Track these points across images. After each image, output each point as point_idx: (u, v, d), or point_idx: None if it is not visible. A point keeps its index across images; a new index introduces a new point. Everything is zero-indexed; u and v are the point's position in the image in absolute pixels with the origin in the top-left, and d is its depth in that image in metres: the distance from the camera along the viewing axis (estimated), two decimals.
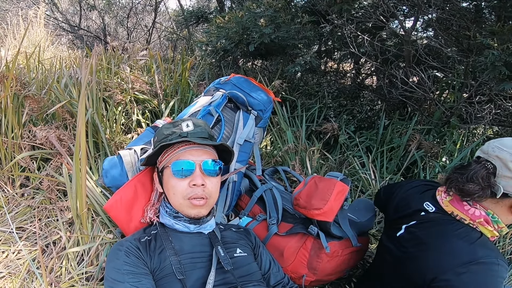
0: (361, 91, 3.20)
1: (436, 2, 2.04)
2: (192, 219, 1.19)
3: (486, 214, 1.12)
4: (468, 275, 1.02)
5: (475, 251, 1.05)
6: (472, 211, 1.13)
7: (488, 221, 1.11)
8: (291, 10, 2.79)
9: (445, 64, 2.17)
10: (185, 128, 1.22)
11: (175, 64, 2.90)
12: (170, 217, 1.21)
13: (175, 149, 1.20)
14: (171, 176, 1.18)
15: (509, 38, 1.73)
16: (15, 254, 1.31)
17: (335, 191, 1.31)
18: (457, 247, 1.08)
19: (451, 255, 1.07)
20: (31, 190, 1.62)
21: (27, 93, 1.80)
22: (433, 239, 1.15)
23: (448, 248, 1.10)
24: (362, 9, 2.28)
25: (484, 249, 1.06)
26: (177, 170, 1.17)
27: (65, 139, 1.71)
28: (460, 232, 1.12)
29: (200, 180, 1.17)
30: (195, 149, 1.21)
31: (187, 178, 1.17)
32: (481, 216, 1.11)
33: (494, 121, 2.27)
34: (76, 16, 6.40)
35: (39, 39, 3.85)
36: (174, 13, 6.45)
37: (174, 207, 1.20)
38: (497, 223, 1.11)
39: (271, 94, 1.75)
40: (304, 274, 1.34)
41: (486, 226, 1.11)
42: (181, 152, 1.19)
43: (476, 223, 1.12)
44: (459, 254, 1.06)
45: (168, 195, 1.21)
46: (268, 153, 2.46)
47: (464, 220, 1.13)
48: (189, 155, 1.19)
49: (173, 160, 1.19)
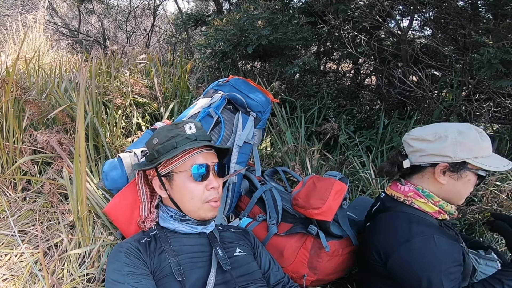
0: (360, 91, 3.21)
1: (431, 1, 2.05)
2: (200, 221, 1.20)
3: (415, 189, 1.25)
4: (408, 252, 1.12)
5: (411, 229, 1.15)
6: (403, 188, 1.27)
7: (418, 194, 1.24)
8: (288, 11, 2.80)
9: (442, 63, 2.18)
10: (188, 130, 1.19)
11: (174, 67, 2.91)
12: (175, 221, 1.20)
13: (187, 152, 1.17)
14: (188, 180, 1.16)
15: (504, 35, 1.74)
16: (18, 257, 1.32)
17: (333, 190, 1.32)
18: (397, 226, 1.20)
19: (393, 234, 1.19)
20: (32, 193, 1.63)
21: (27, 98, 1.82)
22: (380, 222, 1.29)
23: (390, 228, 1.22)
24: (358, 9, 2.29)
25: (419, 226, 1.16)
26: (198, 174, 1.15)
27: (66, 143, 1.72)
28: (400, 213, 1.24)
29: (216, 183, 1.18)
30: (206, 152, 1.21)
31: (202, 182, 1.16)
32: (411, 191, 1.25)
33: (493, 118, 2.27)
34: (75, 20, 6.43)
35: (38, 43, 3.86)
36: (172, 17, 6.47)
37: (187, 211, 1.18)
38: (430, 197, 1.23)
39: (270, 95, 1.76)
40: (305, 274, 1.35)
41: (419, 199, 1.23)
42: (196, 156, 1.18)
43: (409, 197, 1.25)
44: (399, 233, 1.17)
45: (182, 199, 1.18)
46: (268, 154, 2.47)
47: (399, 198, 1.27)
48: (203, 159, 1.18)
49: (189, 164, 1.16)
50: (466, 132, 1.18)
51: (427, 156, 1.21)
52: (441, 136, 1.18)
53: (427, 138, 1.21)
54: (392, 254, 1.15)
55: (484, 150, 1.19)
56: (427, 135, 1.21)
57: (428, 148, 1.20)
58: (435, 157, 1.19)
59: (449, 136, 1.17)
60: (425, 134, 1.22)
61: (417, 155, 1.23)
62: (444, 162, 1.18)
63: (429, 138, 1.20)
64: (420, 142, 1.23)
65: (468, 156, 1.17)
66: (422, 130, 1.26)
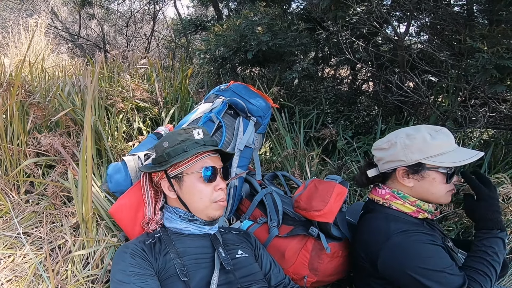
0: (358, 97, 3.24)
1: (427, 7, 2.09)
2: (207, 221, 1.25)
3: (391, 191, 1.31)
4: (391, 250, 1.17)
5: (389, 228, 1.21)
6: (381, 192, 1.34)
7: (394, 196, 1.30)
8: (288, 17, 2.83)
9: (438, 68, 2.21)
10: (197, 135, 1.26)
11: (174, 72, 2.94)
12: (183, 221, 1.24)
13: (197, 155, 1.24)
14: (198, 181, 1.23)
15: (499, 41, 1.77)
16: (21, 258, 1.34)
17: (334, 193, 1.36)
18: (377, 227, 1.26)
19: (375, 234, 1.25)
20: (35, 196, 1.66)
21: (32, 101, 1.85)
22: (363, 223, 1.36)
23: (372, 229, 1.28)
24: (356, 15, 2.33)
25: (396, 223, 1.23)
26: (208, 175, 1.22)
27: (69, 146, 1.75)
28: (379, 215, 1.31)
29: (223, 184, 1.26)
30: (213, 156, 1.28)
31: (211, 183, 1.23)
32: (387, 193, 1.32)
33: (489, 124, 2.30)
34: (76, 25, 6.46)
35: (40, 47, 3.89)
36: (172, 22, 6.53)
37: (196, 210, 1.24)
38: (406, 198, 1.28)
39: (270, 100, 1.80)
40: (305, 275, 1.37)
41: (395, 201, 1.29)
42: (205, 159, 1.25)
43: (386, 199, 1.31)
44: (380, 233, 1.23)
45: (191, 199, 1.24)
46: (267, 159, 2.50)
47: (379, 201, 1.33)
48: (211, 162, 1.26)
49: (199, 166, 1.23)
50: (414, 134, 1.25)
51: (386, 163, 1.31)
52: (392, 143, 1.27)
53: (383, 146, 1.31)
54: (378, 256, 1.19)
55: (439, 148, 1.23)
56: (383, 144, 1.31)
57: (385, 156, 1.30)
58: (392, 163, 1.28)
59: (397, 141, 1.26)
60: (381, 144, 1.32)
61: (380, 163, 1.33)
62: (400, 166, 1.26)
63: (384, 146, 1.30)
64: (379, 151, 1.33)
65: (421, 157, 1.23)
66: (380, 140, 1.36)
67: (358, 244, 1.34)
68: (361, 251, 1.29)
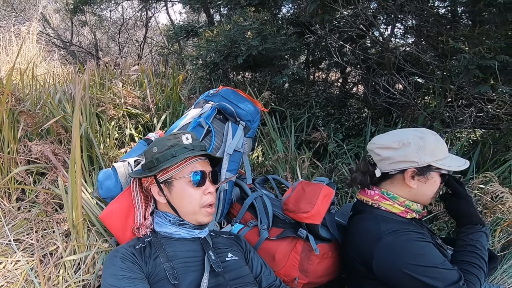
0: (348, 100, 3.27)
1: (411, 10, 2.12)
2: (197, 225, 1.27)
3: (380, 192, 1.33)
4: (383, 249, 1.19)
5: (379, 228, 1.23)
6: (370, 193, 1.35)
7: (383, 197, 1.32)
8: (277, 22, 2.86)
9: (424, 70, 2.25)
10: (186, 140, 1.28)
11: (166, 79, 2.96)
12: (173, 226, 1.26)
13: (186, 160, 1.26)
14: (187, 185, 1.24)
15: (481, 41, 1.80)
16: (13, 265, 1.35)
17: (321, 194, 1.39)
18: (367, 227, 1.28)
19: (365, 235, 1.27)
20: (27, 203, 1.66)
21: (22, 109, 1.86)
22: (353, 224, 1.38)
23: (362, 230, 1.30)
24: (343, 19, 2.35)
25: (386, 224, 1.25)
26: (197, 180, 1.24)
27: (60, 153, 1.76)
28: (368, 216, 1.33)
29: (212, 188, 1.28)
30: (202, 160, 1.30)
31: (200, 187, 1.25)
32: (376, 194, 1.33)
33: (476, 124, 2.34)
34: (68, 32, 6.46)
35: (31, 55, 3.90)
36: (164, 28, 6.55)
37: (185, 215, 1.26)
38: (395, 199, 1.31)
39: (259, 104, 1.82)
40: (296, 277, 1.39)
41: (384, 202, 1.31)
42: (194, 163, 1.27)
43: (375, 200, 1.33)
44: (371, 233, 1.25)
45: (181, 204, 1.25)
46: (259, 163, 2.52)
47: (368, 202, 1.35)
48: (200, 166, 1.28)
49: (188, 170, 1.25)
50: (425, 136, 1.27)
51: (395, 164, 1.28)
52: (404, 143, 1.25)
53: (392, 146, 1.27)
54: (372, 258, 1.20)
55: (443, 152, 1.28)
56: (392, 143, 1.27)
57: (395, 156, 1.27)
58: (403, 163, 1.26)
59: (411, 142, 1.25)
60: (389, 143, 1.28)
61: (386, 163, 1.30)
62: (411, 168, 1.26)
63: (394, 145, 1.27)
64: (386, 150, 1.29)
65: (432, 159, 1.25)
66: (384, 139, 1.32)
67: (349, 245, 1.36)
68: (352, 252, 1.31)
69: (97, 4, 4.92)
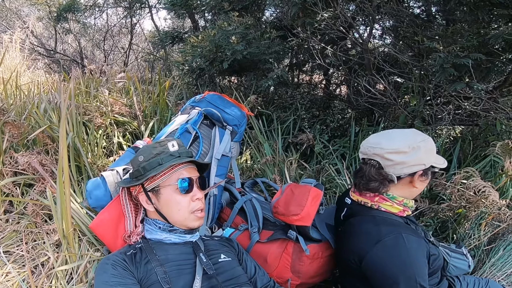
0: (332, 101, 3.33)
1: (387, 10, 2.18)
2: (188, 230, 1.28)
3: (380, 194, 1.33)
4: (381, 252, 1.20)
5: (380, 231, 1.24)
6: (369, 194, 1.35)
7: (383, 198, 1.33)
8: (261, 26, 2.90)
9: (402, 70, 2.30)
10: (172, 148, 1.29)
11: (153, 85, 2.97)
12: (163, 232, 1.27)
13: (172, 168, 1.27)
14: (174, 193, 1.25)
15: (454, 40, 1.85)
16: (4, 277, 1.35)
17: (310, 196, 1.42)
18: (367, 229, 1.29)
19: (364, 237, 1.27)
20: (15, 215, 1.66)
21: (6, 119, 1.85)
22: (351, 227, 1.37)
23: (361, 231, 1.30)
24: (324, 21, 2.40)
25: (387, 226, 1.26)
26: (184, 187, 1.26)
27: (47, 164, 1.76)
28: (368, 217, 1.33)
29: (200, 194, 1.29)
30: (189, 167, 1.32)
31: (188, 194, 1.26)
32: (376, 195, 1.34)
33: (455, 121, 2.41)
34: (52, 40, 6.40)
35: (15, 63, 3.85)
36: (150, 34, 6.54)
37: (175, 222, 1.27)
38: (394, 199, 1.33)
39: (245, 109, 1.85)
40: (289, 278, 1.42)
41: (385, 203, 1.33)
42: (181, 170, 1.28)
43: (375, 202, 1.34)
44: (370, 235, 1.25)
45: (169, 211, 1.26)
46: (248, 167, 2.55)
47: (367, 204, 1.35)
48: (187, 173, 1.29)
49: (174, 178, 1.26)
50: (427, 138, 1.32)
51: (408, 167, 1.28)
52: (414, 147, 1.27)
53: (404, 150, 1.26)
54: (365, 255, 1.23)
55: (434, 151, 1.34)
56: (403, 147, 1.26)
57: (408, 160, 1.27)
58: (415, 167, 1.29)
59: (420, 145, 1.27)
60: (401, 147, 1.27)
61: (399, 167, 1.28)
62: (420, 170, 1.29)
63: (406, 150, 1.26)
64: (398, 155, 1.27)
65: (433, 160, 1.32)
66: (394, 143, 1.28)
67: (345, 247, 1.36)
68: (348, 254, 1.31)
69: (81, 12, 4.90)
